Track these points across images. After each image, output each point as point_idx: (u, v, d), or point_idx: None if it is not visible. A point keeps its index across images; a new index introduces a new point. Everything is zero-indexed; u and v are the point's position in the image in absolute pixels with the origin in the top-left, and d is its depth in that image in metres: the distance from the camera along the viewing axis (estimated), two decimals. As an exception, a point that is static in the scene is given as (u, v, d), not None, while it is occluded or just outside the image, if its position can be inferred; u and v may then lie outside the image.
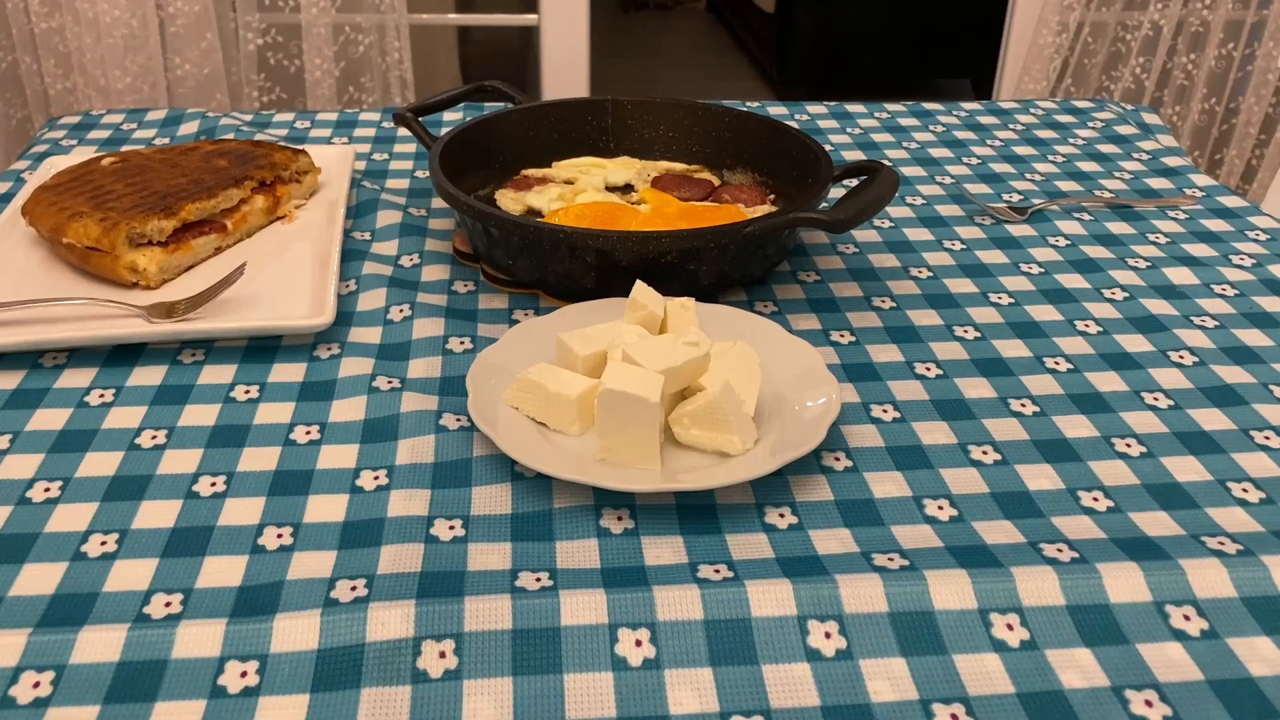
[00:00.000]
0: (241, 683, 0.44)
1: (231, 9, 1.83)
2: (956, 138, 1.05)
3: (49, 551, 0.51)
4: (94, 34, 1.72)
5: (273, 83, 1.91)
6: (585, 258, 0.69)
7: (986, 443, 0.60)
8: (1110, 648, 0.47)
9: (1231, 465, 0.58)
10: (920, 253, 0.82)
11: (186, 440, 0.59)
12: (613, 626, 0.47)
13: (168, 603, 0.48)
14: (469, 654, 0.46)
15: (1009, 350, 0.69)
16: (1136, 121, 1.08)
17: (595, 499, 0.55)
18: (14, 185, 0.89)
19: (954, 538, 0.52)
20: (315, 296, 0.71)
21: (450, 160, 0.79)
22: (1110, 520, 0.54)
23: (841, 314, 0.73)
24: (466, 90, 0.90)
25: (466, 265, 0.78)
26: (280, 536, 0.52)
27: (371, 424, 0.60)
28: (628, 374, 0.54)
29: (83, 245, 0.71)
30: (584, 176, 0.87)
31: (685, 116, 0.91)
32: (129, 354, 0.67)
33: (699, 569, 0.50)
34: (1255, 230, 0.86)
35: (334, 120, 1.07)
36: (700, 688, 0.45)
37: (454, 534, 0.52)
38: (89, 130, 1.04)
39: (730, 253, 0.70)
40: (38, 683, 0.44)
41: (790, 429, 0.57)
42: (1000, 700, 0.44)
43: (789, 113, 1.10)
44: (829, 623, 0.47)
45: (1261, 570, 0.50)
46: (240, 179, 0.79)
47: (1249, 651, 0.47)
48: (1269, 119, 2.02)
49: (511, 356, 0.62)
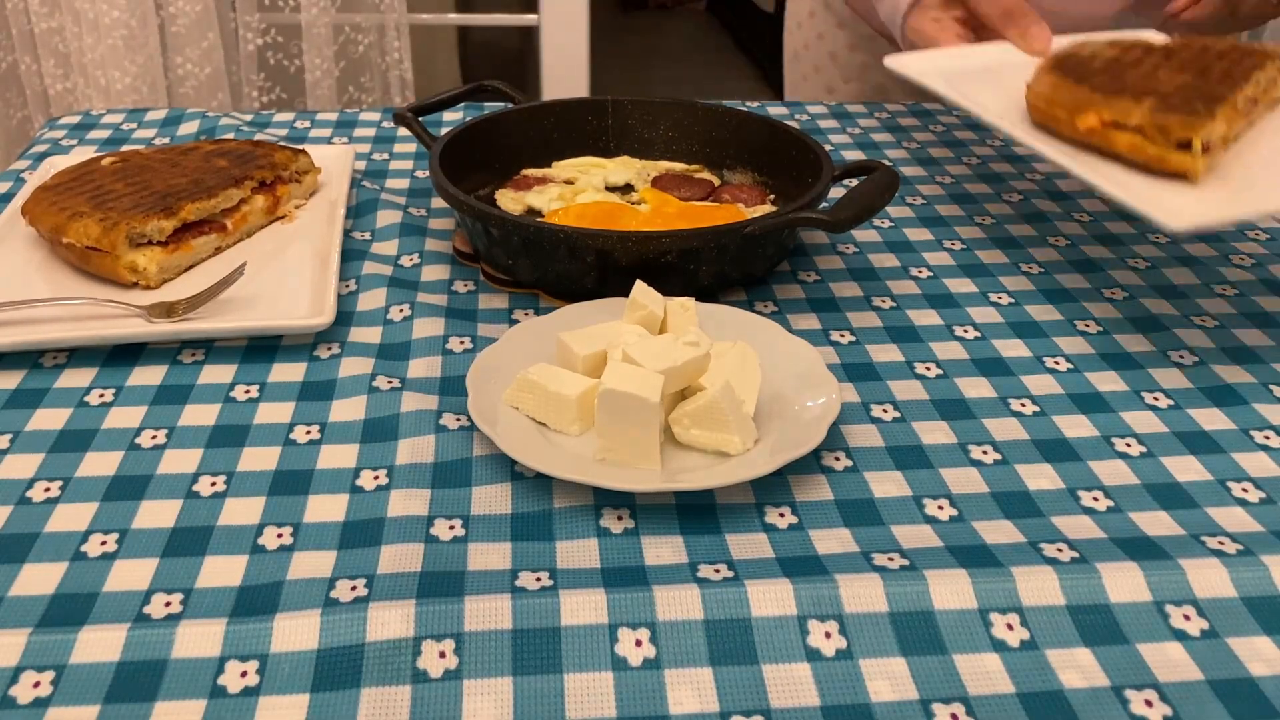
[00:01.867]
0: (241, 682, 0.44)
1: (231, 9, 1.83)
2: (956, 138, 1.05)
3: (49, 551, 0.51)
4: (94, 34, 1.72)
5: (273, 83, 1.91)
6: (585, 258, 0.69)
7: (986, 442, 0.60)
8: (1110, 647, 0.47)
9: (1231, 465, 0.59)
10: (920, 253, 0.82)
11: (186, 440, 0.59)
12: (613, 626, 0.47)
13: (168, 603, 0.48)
14: (469, 654, 0.46)
15: (1009, 350, 0.69)
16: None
17: (595, 499, 0.55)
18: (14, 185, 0.90)
19: (954, 537, 0.52)
20: (315, 296, 0.71)
21: (450, 160, 0.79)
22: (1110, 520, 0.54)
23: (841, 314, 0.73)
24: (466, 90, 0.90)
25: (466, 265, 0.78)
26: (280, 536, 0.52)
27: (371, 424, 0.60)
28: (628, 374, 0.54)
29: (83, 245, 0.71)
30: (584, 176, 0.87)
31: (685, 116, 0.91)
32: (129, 354, 0.67)
33: (699, 569, 0.50)
34: (1255, 230, 0.86)
35: (334, 120, 1.07)
36: (700, 687, 0.45)
37: (454, 534, 0.52)
38: (89, 130, 1.04)
39: (730, 253, 0.70)
40: (38, 683, 0.44)
41: (790, 429, 0.57)
42: (1000, 700, 0.44)
43: (789, 113, 1.10)
44: (829, 622, 0.47)
45: (1261, 570, 0.50)
46: (240, 179, 0.79)
47: (1249, 651, 0.47)
48: (1269, 119, 2.02)
49: (511, 356, 0.62)
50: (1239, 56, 0.73)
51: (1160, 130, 0.64)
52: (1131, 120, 0.65)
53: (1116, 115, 0.66)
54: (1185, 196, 0.62)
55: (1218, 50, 0.74)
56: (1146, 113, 0.65)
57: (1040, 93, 0.72)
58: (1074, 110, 0.68)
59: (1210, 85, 0.68)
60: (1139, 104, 0.66)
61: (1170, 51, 0.75)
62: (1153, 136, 0.64)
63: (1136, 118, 0.65)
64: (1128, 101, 0.66)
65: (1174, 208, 0.60)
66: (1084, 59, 0.74)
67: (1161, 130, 0.64)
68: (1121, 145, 0.66)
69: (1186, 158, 0.63)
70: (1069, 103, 0.69)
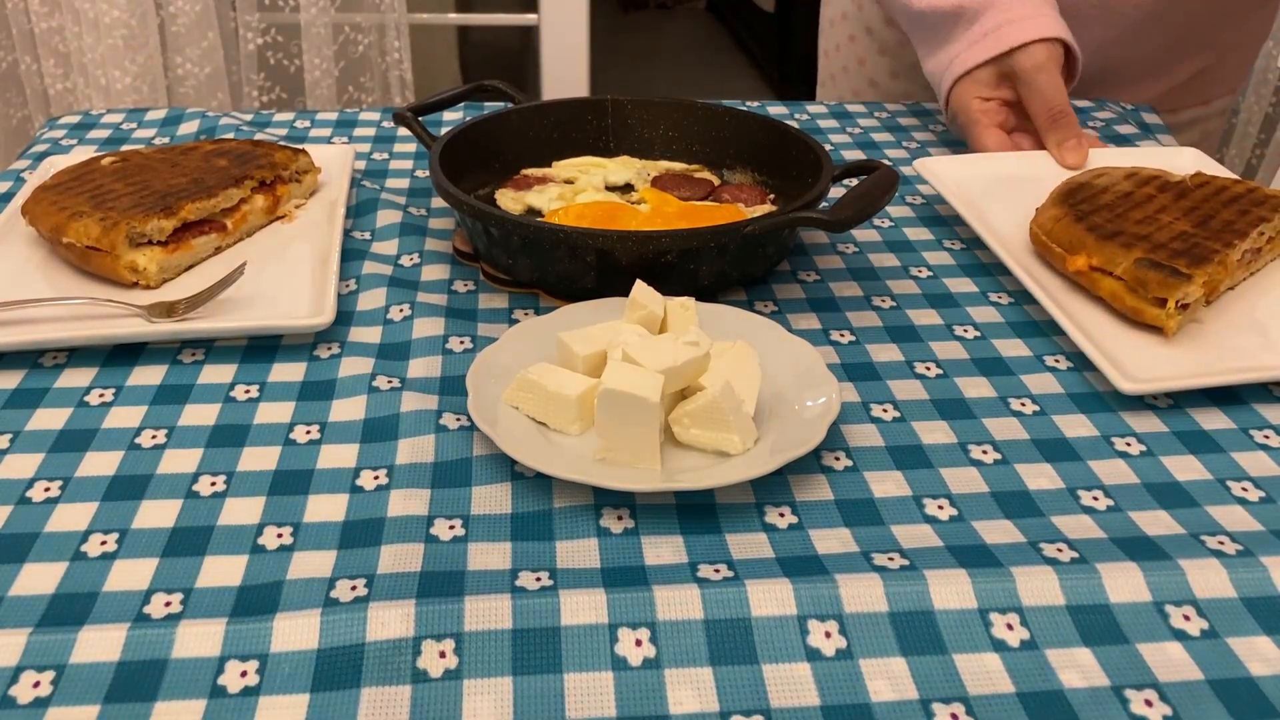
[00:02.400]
0: (241, 682, 0.44)
1: (231, 8, 1.83)
2: (956, 138, 1.05)
3: (49, 551, 0.51)
4: (94, 34, 1.72)
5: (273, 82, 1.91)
6: (585, 257, 0.69)
7: (986, 442, 0.60)
8: (1110, 647, 0.47)
9: (1231, 465, 0.59)
10: (920, 253, 0.82)
11: (186, 440, 0.59)
12: (613, 626, 0.47)
13: (168, 602, 0.48)
14: (469, 653, 0.46)
15: (1009, 350, 0.69)
16: (1136, 121, 1.08)
17: (595, 499, 0.55)
18: (14, 185, 0.90)
19: (954, 537, 0.52)
20: (315, 296, 0.71)
21: (450, 160, 0.79)
22: (1110, 519, 0.54)
23: (841, 314, 0.73)
24: (466, 90, 0.90)
25: (466, 265, 0.78)
26: (280, 536, 0.52)
27: (371, 424, 0.60)
28: (628, 374, 0.54)
29: (83, 245, 0.71)
30: (584, 176, 0.87)
31: (685, 116, 0.91)
32: (129, 354, 0.67)
33: (699, 568, 0.50)
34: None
35: (334, 120, 1.07)
36: (700, 687, 0.45)
37: (454, 534, 0.52)
38: (89, 130, 1.04)
39: (730, 252, 0.70)
40: (38, 682, 0.44)
41: (790, 429, 0.57)
42: (1000, 700, 0.44)
43: (789, 113, 1.10)
44: (829, 622, 0.47)
45: (1261, 570, 0.50)
46: (240, 179, 0.79)
47: (1249, 651, 0.47)
48: (1269, 119, 2.02)
49: (511, 356, 0.62)
50: (1250, 205, 0.75)
51: (1140, 283, 0.67)
52: (1116, 269, 0.68)
53: (1104, 261, 0.69)
54: (1153, 352, 0.66)
55: (1232, 194, 0.76)
56: (1130, 265, 0.68)
57: (1042, 224, 0.76)
58: (1069, 249, 0.72)
59: (1205, 239, 0.70)
60: (1127, 253, 0.68)
61: (1185, 190, 0.77)
62: (1134, 287, 0.67)
63: (1121, 267, 0.68)
64: (1116, 249, 0.69)
65: (1135, 367, 0.64)
66: (1095, 192, 0.77)
67: (1141, 284, 0.67)
68: (1104, 290, 0.69)
69: (1161, 314, 0.66)
70: (1065, 241, 0.73)
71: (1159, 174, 0.80)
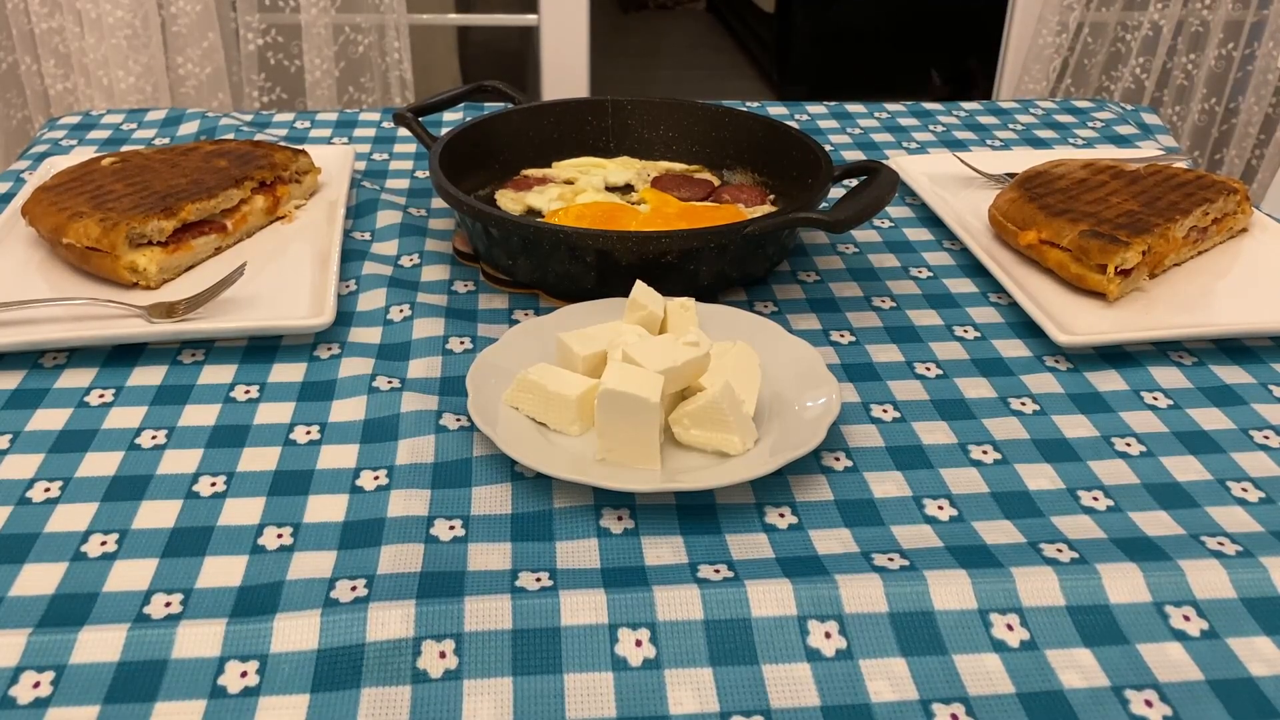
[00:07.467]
0: (241, 683, 0.44)
1: (232, 9, 1.83)
2: (956, 138, 1.05)
3: (49, 551, 0.51)
4: (97, 34, 1.72)
5: (273, 83, 1.91)
6: (585, 258, 0.69)
7: (986, 442, 0.60)
8: (1110, 648, 0.47)
9: (1231, 465, 0.58)
10: (920, 253, 0.82)
11: (186, 440, 0.59)
12: (613, 626, 0.47)
13: (168, 603, 0.48)
14: (469, 654, 0.46)
15: (1009, 350, 0.69)
16: (1136, 121, 1.08)
17: (595, 499, 0.55)
18: (14, 185, 0.90)
19: (954, 538, 0.52)
20: (315, 296, 0.71)
21: (450, 160, 0.79)
22: (1110, 520, 0.54)
23: (841, 314, 0.73)
24: (466, 90, 0.90)
25: (466, 265, 0.78)
26: (280, 536, 0.52)
27: (371, 424, 0.60)
28: (628, 374, 0.54)
29: (83, 245, 0.71)
30: (584, 176, 0.87)
31: (685, 116, 0.91)
32: (129, 354, 0.67)
33: (699, 569, 0.50)
34: (1255, 230, 0.86)
35: (334, 120, 1.07)
36: (700, 688, 0.45)
37: (454, 534, 0.52)
38: (89, 130, 1.04)
39: (730, 253, 0.70)
40: (38, 683, 0.44)
41: (790, 429, 0.57)
42: (1000, 700, 0.44)
43: (789, 113, 1.10)
44: (829, 623, 0.47)
45: (1261, 571, 0.50)
46: (240, 179, 0.79)
47: (1249, 651, 0.47)
48: (1269, 119, 2.02)
49: (511, 356, 0.62)
50: (1197, 189, 0.80)
51: (1084, 252, 0.72)
52: (1063, 240, 0.74)
53: (1052, 235, 0.75)
54: (1095, 314, 0.71)
55: (1179, 180, 0.81)
56: (1075, 236, 0.73)
57: (999, 206, 0.81)
58: (1021, 225, 0.77)
59: (1149, 215, 0.75)
60: (1074, 227, 0.73)
61: (1137, 177, 0.82)
62: (1078, 256, 0.73)
63: (1067, 239, 0.73)
64: (1064, 223, 0.74)
65: (1072, 324, 0.69)
66: (1051, 179, 0.82)
67: (1084, 252, 0.72)
68: (1051, 261, 0.75)
69: (1103, 279, 0.71)
70: (1019, 219, 0.78)
71: (1115, 164, 0.85)
